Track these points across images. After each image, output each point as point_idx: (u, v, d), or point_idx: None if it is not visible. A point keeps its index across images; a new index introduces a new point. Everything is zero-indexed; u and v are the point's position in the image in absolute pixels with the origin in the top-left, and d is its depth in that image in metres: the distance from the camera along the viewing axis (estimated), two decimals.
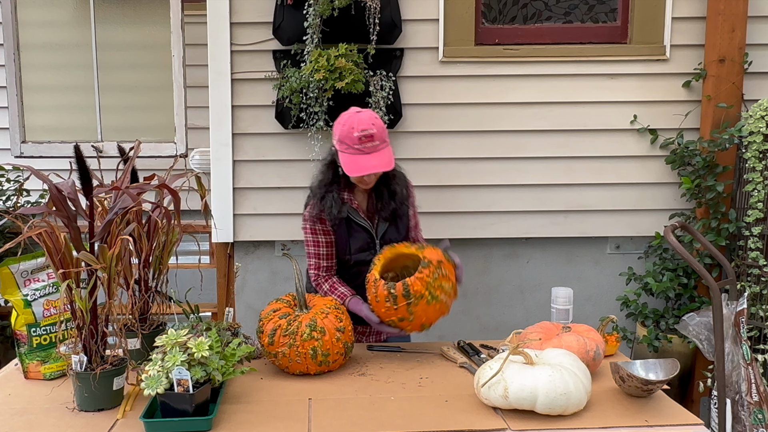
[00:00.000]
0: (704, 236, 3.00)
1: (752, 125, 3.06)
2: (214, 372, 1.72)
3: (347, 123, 2.24)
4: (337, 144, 2.28)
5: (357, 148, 2.21)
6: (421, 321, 2.14)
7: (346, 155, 2.24)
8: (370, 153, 2.22)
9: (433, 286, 2.09)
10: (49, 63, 3.94)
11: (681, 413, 1.79)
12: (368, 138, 2.20)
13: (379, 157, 2.23)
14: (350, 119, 2.24)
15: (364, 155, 2.22)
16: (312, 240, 2.41)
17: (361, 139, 2.19)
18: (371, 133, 2.20)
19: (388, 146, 2.28)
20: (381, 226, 2.42)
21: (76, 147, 1.74)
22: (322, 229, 2.39)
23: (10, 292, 1.98)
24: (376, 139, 2.21)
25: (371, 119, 2.24)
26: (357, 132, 2.20)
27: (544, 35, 3.45)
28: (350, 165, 2.23)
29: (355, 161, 2.22)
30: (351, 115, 2.26)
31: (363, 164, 2.21)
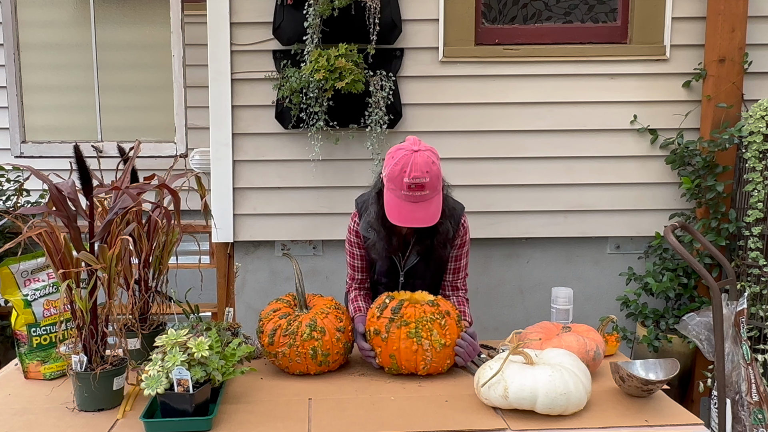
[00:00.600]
0: (704, 236, 3.00)
1: (752, 125, 3.06)
2: (214, 372, 1.72)
3: (400, 162, 2.03)
4: (385, 179, 2.11)
5: (404, 194, 2.03)
6: (392, 348, 1.99)
7: (391, 195, 2.08)
8: (416, 202, 2.04)
9: (424, 325, 1.97)
10: (49, 63, 3.94)
11: (681, 413, 1.79)
12: (418, 187, 2.01)
13: (425, 208, 2.05)
14: (405, 158, 2.03)
15: (410, 203, 2.04)
16: (349, 252, 2.37)
17: (411, 187, 2.01)
18: (423, 182, 2.01)
19: (439, 195, 2.10)
20: (411, 259, 2.31)
21: (76, 147, 1.74)
22: (358, 244, 2.33)
23: (10, 292, 1.98)
24: (426, 189, 2.03)
25: (427, 165, 2.02)
26: (407, 178, 2.00)
27: (544, 35, 3.45)
28: (393, 211, 2.07)
29: (398, 208, 2.06)
30: (407, 155, 2.03)
31: (406, 215, 2.05)
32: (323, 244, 3.55)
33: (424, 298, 2.11)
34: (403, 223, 2.06)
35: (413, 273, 2.32)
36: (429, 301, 2.05)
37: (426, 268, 2.32)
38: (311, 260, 3.56)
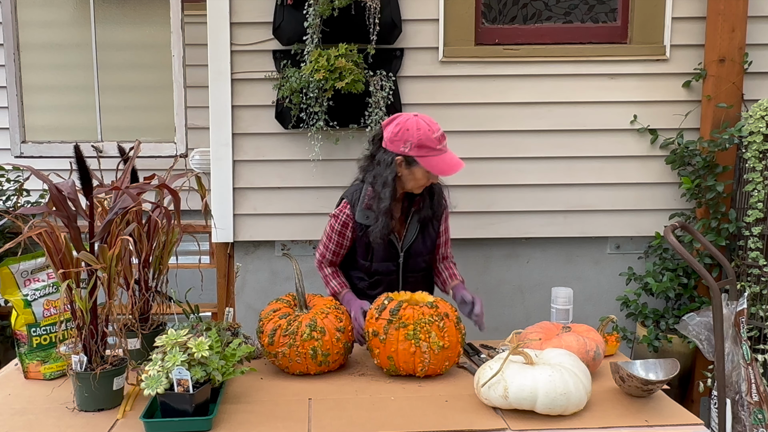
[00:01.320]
0: (704, 236, 3.00)
1: (752, 125, 3.06)
2: (214, 372, 1.72)
3: (421, 128, 2.20)
4: (415, 150, 2.20)
5: (439, 149, 2.20)
6: (390, 350, 1.99)
7: (430, 159, 2.20)
8: (448, 152, 2.24)
9: (422, 327, 1.97)
10: (49, 63, 3.94)
11: (681, 413, 1.79)
12: (444, 136, 2.23)
13: (453, 155, 2.26)
14: (420, 123, 2.20)
15: (447, 153, 2.23)
16: (329, 236, 2.43)
17: (439, 139, 2.20)
18: (442, 131, 2.24)
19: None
20: (407, 239, 2.40)
21: (76, 147, 1.74)
22: (342, 234, 2.40)
23: (10, 292, 1.98)
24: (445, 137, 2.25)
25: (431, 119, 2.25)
26: (435, 133, 2.19)
27: (544, 35, 3.45)
28: (440, 167, 2.21)
29: (442, 162, 2.21)
30: (415, 121, 2.21)
31: (451, 164, 2.22)
32: None
33: (423, 300, 2.11)
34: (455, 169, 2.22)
35: (412, 252, 2.40)
36: (428, 302, 2.05)
37: (423, 245, 2.41)
38: (311, 260, 3.55)
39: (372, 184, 2.31)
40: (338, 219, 2.39)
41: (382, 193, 2.27)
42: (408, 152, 2.21)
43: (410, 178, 2.27)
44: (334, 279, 2.44)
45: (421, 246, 2.42)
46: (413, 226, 2.40)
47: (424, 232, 2.41)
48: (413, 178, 2.26)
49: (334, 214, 2.42)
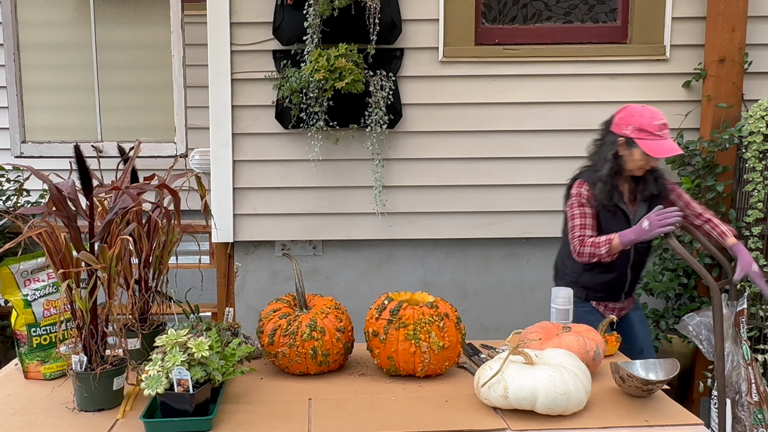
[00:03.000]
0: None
1: (752, 125, 3.06)
2: (214, 372, 1.72)
3: (644, 114, 2.51)
4: (635, 133, 2.51)
5: (658, 134, 2.48)
6: (390, 350, 1.99)
7: (647, 142, 2.49)
8: (667, 139, 2.50)
9: (422, 327, 1.96)
10: (49, 63, 3.94)
11: (681, 413, 1.78)
12: (665, 125, 2.49)
13: (674, 144, 2.51)
14: (643, 110, 2.53)
15: (664, 140, 2.49)
16: (579, 213, 2.62)
17: (660, 126, 2.48)
18: (666, 122, 2.50)
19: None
20: (639, 213, 2.62)
21: (76, 147, 1.74)
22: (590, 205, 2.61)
23: (10, 292, 1.97)
24: (667, 128, 2.51)
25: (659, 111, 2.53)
26: (657, 121, 2.48)
27: (544, 35, 3.45)
28: (655, 149, 2.48)
29: (658, 146, 2.48)
30: (641, 108, 2.54)
31: (666, 148, 2.48)
32: (323, 244, 3.55)
33: (423, 300, 2.11)
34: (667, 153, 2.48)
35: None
36: (428, 302, 2.05)
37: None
38: (311, 260, 3.56)
39: (594, 159, 2.64)
40: (581, 196, 2.62)
41: (600, 165, 2.59)
42: (629, 134, 2.52)
43: (630, 158, 2.53)
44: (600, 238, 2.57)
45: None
46: (642, 205, 2.63)
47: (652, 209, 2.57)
48: (632, 159, 2.53)
49: (573, 194, 2.64)
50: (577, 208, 2.63)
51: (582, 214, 2.62)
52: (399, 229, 3.49)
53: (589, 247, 2.57)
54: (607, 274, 2.65)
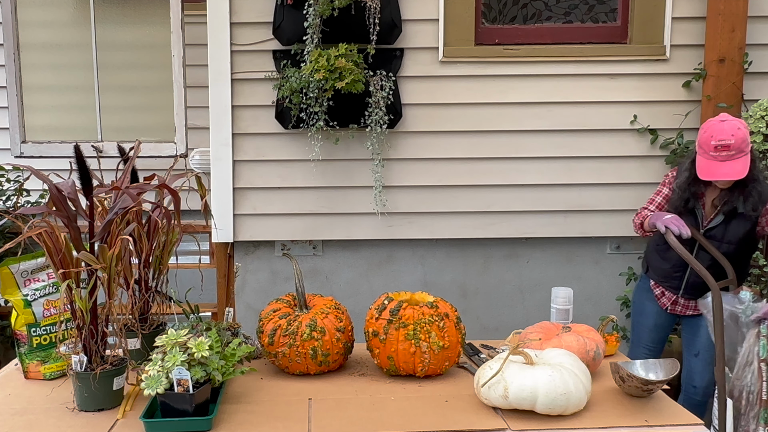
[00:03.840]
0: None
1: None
2: (214, 372, 1.72)
3: (708, 130, 2.50)
4: (697, 147, 2.56)
5: (712, 155, 2.46)
6: (390, 350, 1.99)
7: (701, 159, 2.51)
8: (723, 161, 2.45)
9: (422, 327, 1.96)
10: (49, 63, 3.94)
11: (681, 413, 1.79)
12: (724, 147, 2.43)
13: (732, 166, 2.44)
14: (712, 127, 2.50)
15: (717, 162, 2.45)
16: (657, 191, 2.78)
17: (717, 147, 2.44)
18: (728, 143, 2.43)
19: (746, 156, 2.46)
20: (714, 221, 2.61)
21: (76, 147, 1.74)
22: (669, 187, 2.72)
23: (10, 292, 1.97)
24: (732, 149, 2.43)
25: (732, 129, 2.45)
26: (714, 141, 2.45)
27: (544, 35, 3.45)
28: (703, 169, 2.50)
29: (708, 166, 2.48)
30: (714, 123, 2.51)
31: (714, 171, 2.47)
32: (323, 244, 3.55)
33: (423, 300, 2.11)
34: (712, 177, 2.48)
35: (711, 234, 2.63)
36: (428, 302, 2.05)
37: (725, 231, 2.61)
38: (311, 260, 3.56)
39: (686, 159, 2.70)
40: (666, 177, 2.78)
41: (681, 172, 2.65)
42: (696, 146, 2.58)
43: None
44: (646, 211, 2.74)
45: (722, 233, 2.61)
46: (720, 215, 2.61)
47: (729, 222, 2.60)
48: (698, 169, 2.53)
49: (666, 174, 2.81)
50: (659, 185, 2.79)
51: (657, 191, 2.78)
52: (399, 229, 3.49)
53: (637, 217, 2.79)
54: (663, 262, 2.77)
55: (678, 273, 2.74)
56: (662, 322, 2.86)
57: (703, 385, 2.76)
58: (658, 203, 2.75)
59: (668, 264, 2.75)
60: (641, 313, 2.87)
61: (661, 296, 2.81)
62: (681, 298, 2.77)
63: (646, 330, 2.84)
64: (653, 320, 2.85)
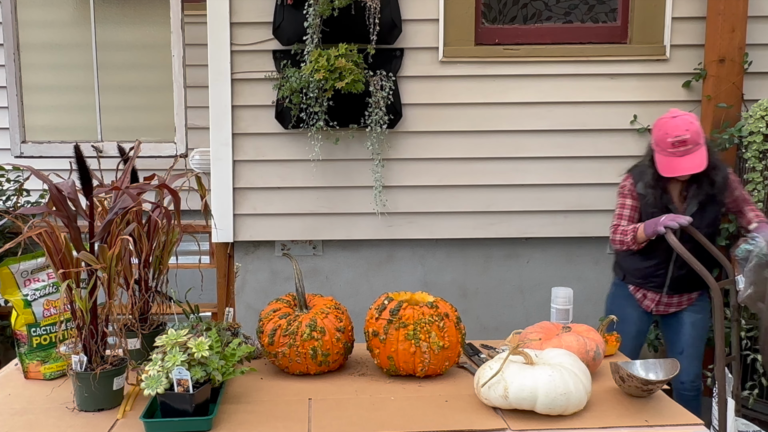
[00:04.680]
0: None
1: (752, 125, 3.06)
2: (214, 372, 1.72)
3: (662, 128, 2.53)
4: (654, 146, 2.59)
5: (670, 152, 2.49)
6: (390, 350, 1.98)
7: (660, 156, 2.54)
8: (682, 156, 2.48)
9: (422, 327, 1.96)
10: (49, 63, 3.94)
11: (681, 413, 1.78)
12: (681, 143, 2.47)
13: (691, 159, 2.47)
14: (665, 124, 2.53)
15: (677, 158, 2.48)
16: (620, 203, 2.74)
17: (674, 144, 2.47)
18: (684, 138, 2.46)
19: (702, 147, 2.50)
20: (689, 209, 2.63)
21: (76, 147, 1.74)
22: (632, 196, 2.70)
23: (10, 292, 1.97)
24: (689, 143, 2.47)
25: (686, 124, 2.49)
26: (671, 138, 2.48)
27: (544, 35, 3.45)
28: (663, 166, 2.52)
29: (668, 163, 2.51)
30: (667, 120, 2.54)
31: (676, 166, 2.49)
32: (323, 244, 3.55)
33: (423, 300, 2.11)
34: (674, 173, 2.51)
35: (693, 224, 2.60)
36: (428, 302, 2.05)
37: (702, 219, 2.62)
38: (311, 260, 3.56)
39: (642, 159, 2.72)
40: (624, 188, 2.72)
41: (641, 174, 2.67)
42: (652, 145, 2.61)
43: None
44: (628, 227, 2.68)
45: (699, 221, 2.61)
46: (693, 204, 2.63)
47: (704, 210, 2.64)
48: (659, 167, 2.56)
49: (619, 186, 2.76)
50: (619, 198, 2.74)
51: (622, 205, 2.73)
52: (399, 229, 3.49)
53: (619, 235, 2.69)
54: (643, 261, 2.73)
55: (661, 271, 2.72)
56: (644, 327, 2.84)
57: (690, 380, 2.75)
58: (628, 216, 2.71)
59: (650, 264, 2.73)
60: (623, 322, 2.76)
61: (644, 299, 2.79)
62: (665, 296, 2.75)
63: (630, 337, 2.77)
64: (636, 327, 2.81)
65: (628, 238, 2.65)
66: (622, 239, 2.69)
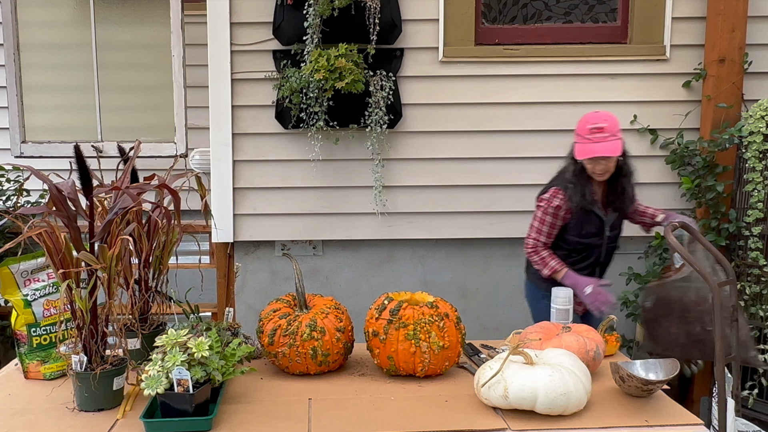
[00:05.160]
0: (704, 236, 2.99)
1: (752, 125, 3.06)
2: (214, 372, 1.72)
3: (583, 120, 2.64)
4: (575, 137, 2.65)
5: (588, 138, 2.58)
6: (390, 350, 1.99)
7: (579, 145, 2.61)
8: (599, 142, 2.56)
9: (422, 327, 1.96)
10: (49, 63, 3.94)
11: (681, 413, 1.79)
12: (598, 130, 2.56)
13: (607, 145, 2.56)
14: (587, 116, 2.65)
15: (593, 143, 2.57)
16: (541, 218, 2.74)
17: (592, 131, 2.57)
18: (602, 126, 2.57)
19: (619, 140, 2.59)
20: (611, 216, 2.74)
21: (76, 147, 1.74)
22: (556, 215, 2.70)
23: (10, 292, 1.97)
24: (606, 132, 2.57)
25: (605, 116, 2.62)
26: (590, 125, 2.58)
27: (544, 35, 3.45)
28: (580, 151, 2.60)
29: (585, 148, 2.59)
30: (589, 114, 2.66)
31: (591, 150, 2.57)
32: (323, 244, 3.55)
33: (423, 300, 2.11)
34: (588, 155, 2.57)
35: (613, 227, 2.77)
36: (428, 302, 2.05)
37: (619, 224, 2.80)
38: (311, 260, 3.56)
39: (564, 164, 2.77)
40: (551, 203, 2.70)
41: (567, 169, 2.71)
42: (574, 139, 2.66)
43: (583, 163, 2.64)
44: (553, 259, 2.71)
45: (618, 222, 2.79)
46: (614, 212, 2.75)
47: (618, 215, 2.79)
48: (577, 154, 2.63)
49: (544, 199, 2.74)
50: (541, 212, 2.74)
51: (542, 221, 2.74)
52: (399, 229, 3.49)
53: (538, 257, 2.73)
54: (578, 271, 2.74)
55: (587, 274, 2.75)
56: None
57: None
58: (547, 233, 2.74)
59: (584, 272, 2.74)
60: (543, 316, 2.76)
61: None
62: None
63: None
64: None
65: (545, 271, 2.71)
66: (538, 264, 2.73)
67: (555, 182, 2.77)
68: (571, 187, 2.66)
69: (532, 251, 2.76)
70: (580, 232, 2.72)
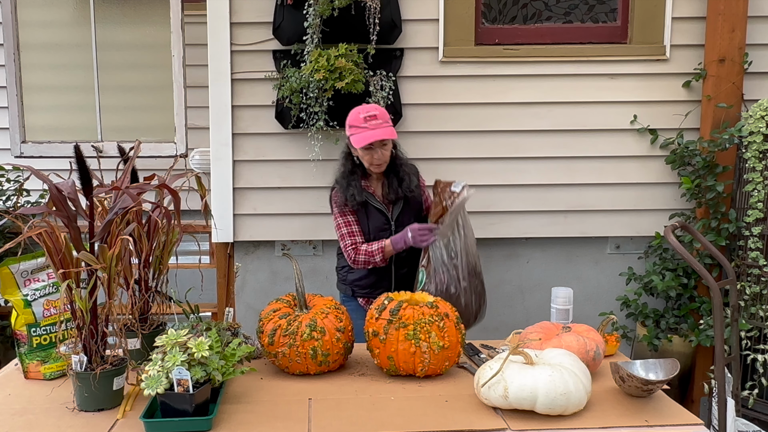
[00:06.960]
0: (704, 236, 3.00)
1: (752, 125, 3.06)
2: (214, 372, 1.72)
3: (355, 111, 2.67)
4: (348, 130, 2.67)
5: (363, 126, 2.61)
6: (390, 350, 1.98)
7: (355, 135, 2.63)
8: (374, 129, 2.61)
9: (422, 327, 1.96)
10: (49, 63, 3.94)
11: (681, 413, 1.79)
12: (372, 117, 2.62)
13: (382, 131, 2.61)
14: (357, 109, 2.69)
15: (369, 131, 2.60)
16: (342, 221, 2.76)
17: (366, 118, 2.61)
18: (374, 113, 2.63)
19: (391, 126, 2.67)
20: (395, 210, 2.78)
21: (76, 147, 1.74)
22: (348, 211, 2.75)
23: (10, 292, 1.98)
24: (379, 119, 2.63)
25: (375, 107, 2.69)
26: (363, 113, 2.63)
27: (544, 35, 3.45)
28: (358, 139, 2.62)
29: (363, 136, 2.61)
30: (359, 107, 2.71)
31: (369, 137, 2.59)
32: (323, 244, 3.55)
33: (423, 300, 2.11)
34: (368, 140, 2.59)
35: (401, 221, 2.78)
36: (428, 302, 2.05)
37: (410, 214, 2.80)
38: (311, 260, 3.56)
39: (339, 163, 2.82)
40: (337, 204, 2.76)
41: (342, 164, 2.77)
42: (347, 133, 2.69)
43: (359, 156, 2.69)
44: (371, 245, 2.71)
45: (409, 216, 2.79)
46: (398, 204, 2.78)
47: (408, 207, 2.80)
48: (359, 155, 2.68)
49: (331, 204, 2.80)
50: (339, 217, 2.77)
51: (345, 223, 2.76)
52: None
53: (363, 255, 2.72)
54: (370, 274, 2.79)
55: (385, 282, 2.79)
56: None
57: None
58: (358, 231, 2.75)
59: (374, 275, 2.79)
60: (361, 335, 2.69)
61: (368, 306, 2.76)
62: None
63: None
64: None
65: (377, 258, 2.69)
66: (367, 259, 2.71)
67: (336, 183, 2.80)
68: (344, 184, 2.71)
69: (354, 252, 2.72)
70: (368, 227, 2.75)
